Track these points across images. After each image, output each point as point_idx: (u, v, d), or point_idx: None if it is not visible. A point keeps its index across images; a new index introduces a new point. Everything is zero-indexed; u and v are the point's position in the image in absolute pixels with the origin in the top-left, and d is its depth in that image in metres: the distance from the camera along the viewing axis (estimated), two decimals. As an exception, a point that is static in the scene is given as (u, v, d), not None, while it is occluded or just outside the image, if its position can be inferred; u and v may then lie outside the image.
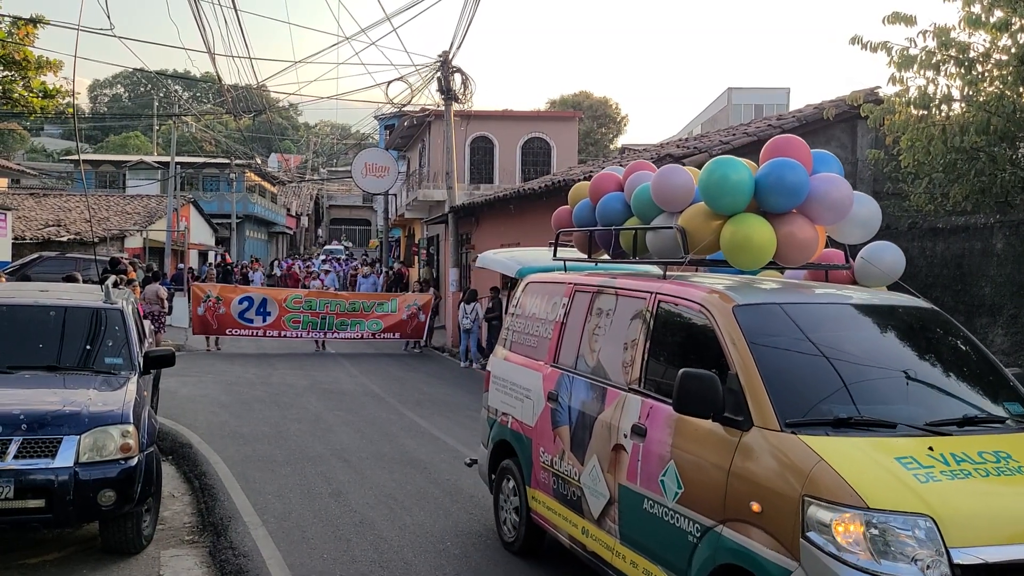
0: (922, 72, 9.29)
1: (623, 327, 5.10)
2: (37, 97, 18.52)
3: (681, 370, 4.02)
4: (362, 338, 19.44)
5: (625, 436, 4.69)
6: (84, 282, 11.44)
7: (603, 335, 5.32)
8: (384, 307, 19.60)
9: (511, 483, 6.23)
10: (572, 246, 6.81)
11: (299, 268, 37.60)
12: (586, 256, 6.51)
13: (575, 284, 5.84)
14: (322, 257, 48.99)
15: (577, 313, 5.66)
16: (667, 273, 5.16)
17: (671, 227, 5.18)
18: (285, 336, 19.07)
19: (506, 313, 6.95)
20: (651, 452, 4.47)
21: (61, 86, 19.59)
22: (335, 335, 19.27)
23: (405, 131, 32.28)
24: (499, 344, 6.80)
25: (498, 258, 11.95)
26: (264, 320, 18.76)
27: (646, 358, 4.78)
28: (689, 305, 4.61)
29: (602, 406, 5.02)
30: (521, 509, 6.03)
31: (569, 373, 5.51)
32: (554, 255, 6.60)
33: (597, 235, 6.22)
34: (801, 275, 5.72)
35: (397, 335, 19.66)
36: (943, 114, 9.60)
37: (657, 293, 4.89)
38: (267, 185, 56.82)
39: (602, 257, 6.43)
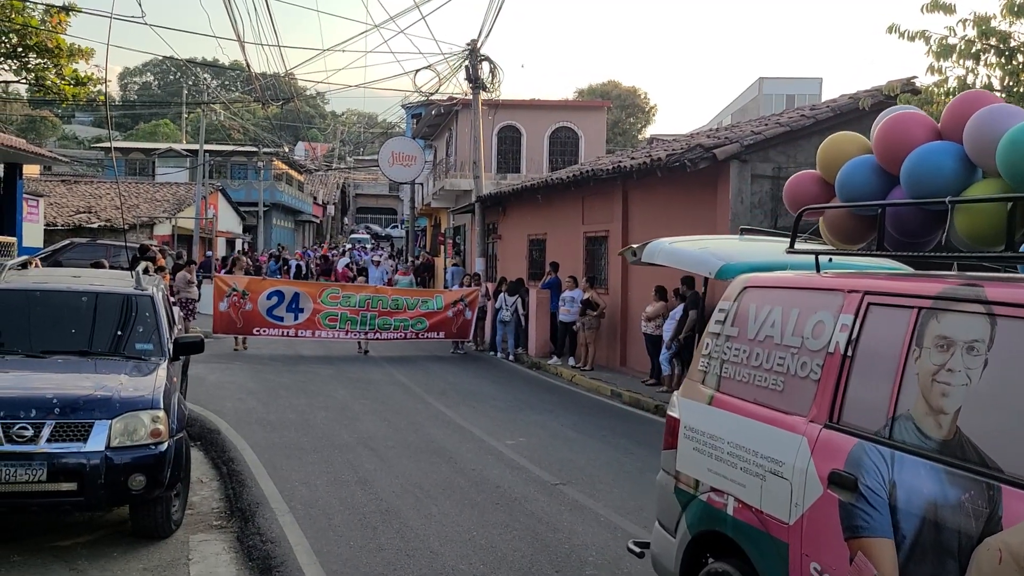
0: (961, 62, 9.11)
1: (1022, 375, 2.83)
2: (69, 85, 18.69)
3: None
4: (405, 338, 17.70)
5: None
6: (112, 268, 11.56)
7: (964, 386, 3.00)
8: (429, 304, 17.86)
9: None
10: (801, 234, 4.79)
11: (331, 258, 37.69)
12: (858, 247, 4.49)
13: (866, 292, 3.54)
14: (348, 246, 49.21)
15: (880, 341, 3.42)
16: None
17: None
18: (320, 336, 17.14)
19: (702, 332, 4.81)
20: None
21: (92, 74, 19.78)
22: (377, 335, 17.34)
23: (432, 120, 32.28)
24: (691, 379, 4.58)
25: (683, 249, 8.02)
26: (296, 318, 16.86)
27: None
28: None
29: (991, 519, 2.76)
30: None
31: (878, 445, 3.25)
32: (791, 245, 4.49)
33: (895, 214, 4.08)
34: None
35: (442, 334, 17.92)
36: (982, 105, 9.41)
37: None
38: (294, 173, 57.20)
39: (855, 248, 4.49)
